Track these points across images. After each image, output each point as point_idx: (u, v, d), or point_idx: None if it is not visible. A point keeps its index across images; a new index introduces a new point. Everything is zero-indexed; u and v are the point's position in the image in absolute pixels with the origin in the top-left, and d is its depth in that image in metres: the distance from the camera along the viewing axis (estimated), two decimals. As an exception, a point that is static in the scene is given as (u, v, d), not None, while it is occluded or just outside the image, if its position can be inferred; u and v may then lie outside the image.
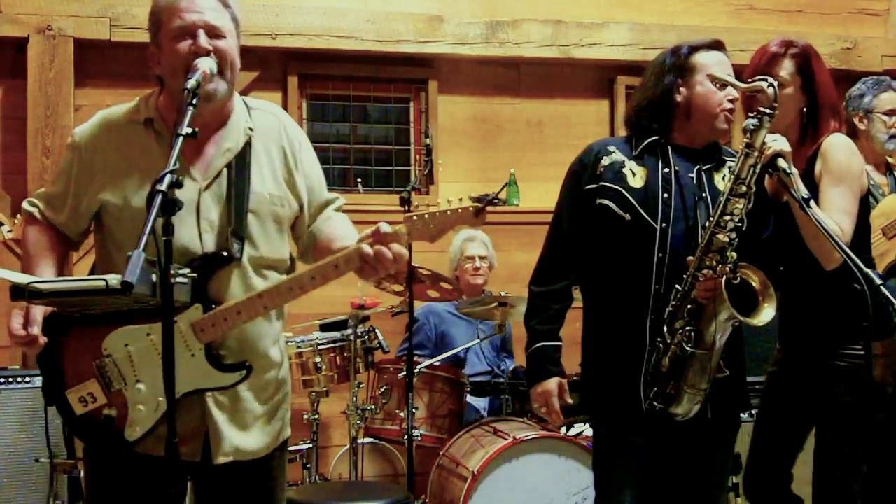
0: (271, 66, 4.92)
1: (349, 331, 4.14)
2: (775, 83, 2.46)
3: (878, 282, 2.23)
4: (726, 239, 2.42)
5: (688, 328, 2.43)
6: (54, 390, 2.18)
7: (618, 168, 2.58)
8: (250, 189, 2.19)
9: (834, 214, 2.62)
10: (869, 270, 2.26)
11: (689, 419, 2.51)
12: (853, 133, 3.62)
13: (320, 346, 4.17)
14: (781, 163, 2.50)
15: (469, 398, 4.22)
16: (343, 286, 2.41)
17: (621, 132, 5.40)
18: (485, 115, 5.24)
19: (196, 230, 2.14)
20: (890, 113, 3.68)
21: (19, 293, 1.90)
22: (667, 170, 2.57)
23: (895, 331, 2.81)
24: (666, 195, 2.53)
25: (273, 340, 2.27)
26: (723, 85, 2.57)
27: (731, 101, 2.58)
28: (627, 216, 2.53)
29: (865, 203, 2.83)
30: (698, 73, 2.59)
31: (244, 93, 4.84)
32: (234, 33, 2.20)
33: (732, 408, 2.66)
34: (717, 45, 2.67)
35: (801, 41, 2.84)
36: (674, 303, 2.47)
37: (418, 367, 4.00)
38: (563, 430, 3.71)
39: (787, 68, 2.80)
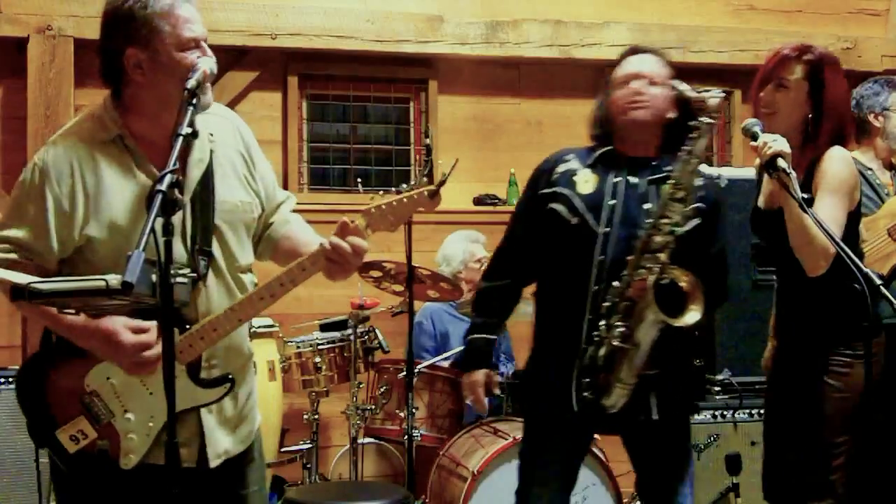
0: (271, 66, 4.92)
1: (349, 331, 4.15)
2: (722, 95, 2.55)
3: (878, 282, 2.23)
4: (663, 241, 2.52)
5: (620, 324, 2.56)
6: (44, 432, 2.15)
7: (570, 175, 2.73)
8: (218, 200, 2.16)
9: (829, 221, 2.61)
10: (868, 270, 2.27)
11: (637, 420, 2.66)
12: (866, 131, 3.62)
13: (320, 346, 4.17)
14: (781, 163, 2.52)
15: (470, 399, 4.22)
16: (343, 286, 2.42)
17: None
18: (485, 115, 5.25)
19: (182, 245, 2.10)
20: None
21: (19, 293, 1.90)
22: (617, 179, 2.70)
23: (881, 330, 2.84)
24: (612, 202, 2.66)
25: (246, 340, 2.30)
26: (627, 81, 2.71)
27: (635, 92, 2.69)
28: (574, 220, 2.67)
29: (856, 216, 2.82)
30: (615, 84, 2.76)
31: (244, 93, 4.90)
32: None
33: (680, 409, 2.78)
34: (633, 51, 2.83)
35: (820, 49, 2.83)
36: (611, 299, 2.59)
37: (418, 367, 4.00)
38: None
39: (795, 73, 2.79)
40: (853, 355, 2.77)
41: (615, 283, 2.58)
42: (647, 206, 2.63)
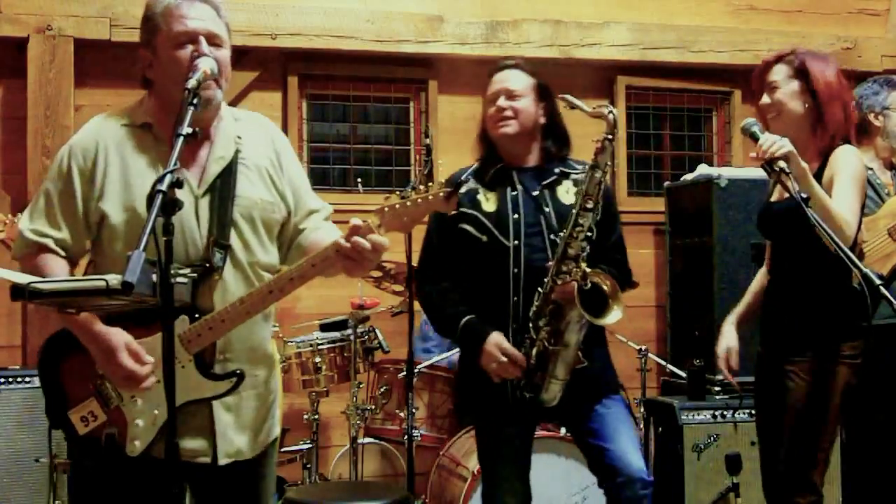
0: (271, 66, 4.91)
1: (349, 331, 4.15)
2: (615, 111, 2.80)
3: (878, 282, 2.24)
4: (579, 248, 2.74)
5: (548, 328, 2.73)
6: (58, 412, 2.22)
7: (473, 195, 2.91)
8: (238, 196, 2.20)
9: (845, 212, 2.71)
10: (868, 270, 2.28)
11: (555, 408, 2.83)
12: (866, 131, 3.63)
13: (320, 346, 4.17)
14: (781, 162, 2.57)
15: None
16: (343, 286, 2.43)
17: (621, 132, 5.41)
18: (485, 115, 5.24)
19: (191, 236, 2.15)
20: None
21: (19, 293, 1.90)
22: (514, 192, 2.89)
23: (868, 333, 2.88)
24: (516, 216, 2.85)
25: (268, 340, 2.33)
26: (493, 99, 2.92)
27: (499, 109, 2.89)
28: (484, 238, 2.85)
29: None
30: (485, 103, 2.97)
31: (244, 93, 4.90)
32: (228, 43, 2.26)
33: (584, 397, 2.89)
34: (498, 68, 3.01)
35: (800, 49, 2.98)
36: (537, 304, 2.77)
37: (418, 367, 4.00)
38: (563, 430, 3.72)
39: (780, 73, 2.93)
40: (837, 355, 2.84)
41: (539, 289, 2.76)
42: (546, 210, 2.84)
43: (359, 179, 5.09)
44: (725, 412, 3.99)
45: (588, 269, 2.68)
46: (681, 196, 4.82)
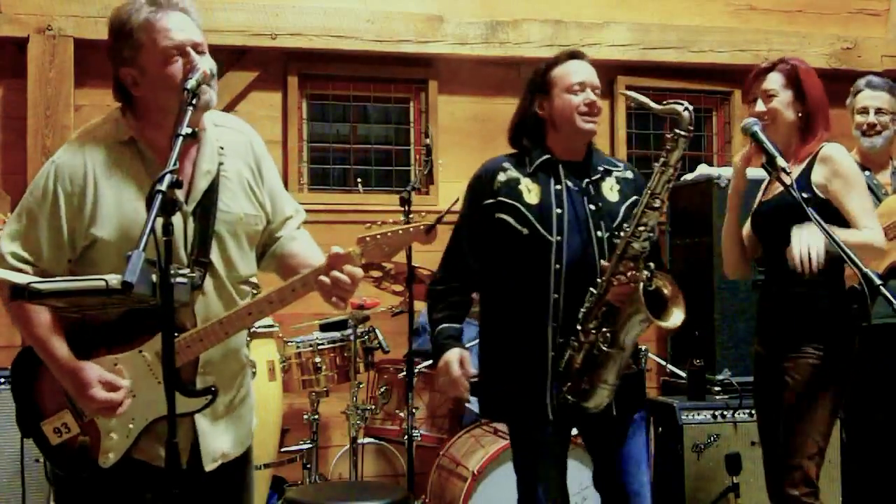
0: (271, 66, 4.91)
1: (349, 331, 4.15)
2: (690, 107, 2.61)
3: (878, 282, 2.25)
4: (640, 248, 2.59)
5: (604, 329, 2.60)
6: (29, 422, 2.21)
7: (514, 184, 2.75)
8: (221, 212, 2.20)
9: (864, 219, 2.81)
10: (868, 270, 2.29)
11: (595, 416, 2.69)
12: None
13: (320, 346, 4.17)
14: (780, 162, 2.60)
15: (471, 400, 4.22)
16: (343, 286, 2.43)
17: (621, 132, 5.41)
18: (485, 115, 5.24)
19: (183, 253, 2.14)
20: (862, 111, 3.75)
21: (19, 293, 1.90)
22: (558, 186, 2.74)
23: (858, 332, 2.93)
24: (559, 210, 2.71)
25: (244, 346, 2.36)
26: (580, 89, 2.73)
27: (587, 104, 2.73)
28: (525, 230, 2.70)
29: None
30: (555, 86, 2.76)
31: (244, 93, 4.90)
32: (206, 43, 2.18)
33: (633, 404, 2.81)
34: (574, 56, 2.83)
35: (790, 57, 3.08)
36: (588, 304, 2.63)
37: (418, 367, 4.00)
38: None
39: (775, 81, 3.00)
40: (832, 353, 2.88)
41: (592, 290, 2.63)
42: (591, 208, 2.72)
43: (359, 179, 5.10)
44: (725, 412, 3.99)
45: (655, 271, 2.55)
46: (681, 196, 4.82)
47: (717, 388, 4.17)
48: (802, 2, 5.57)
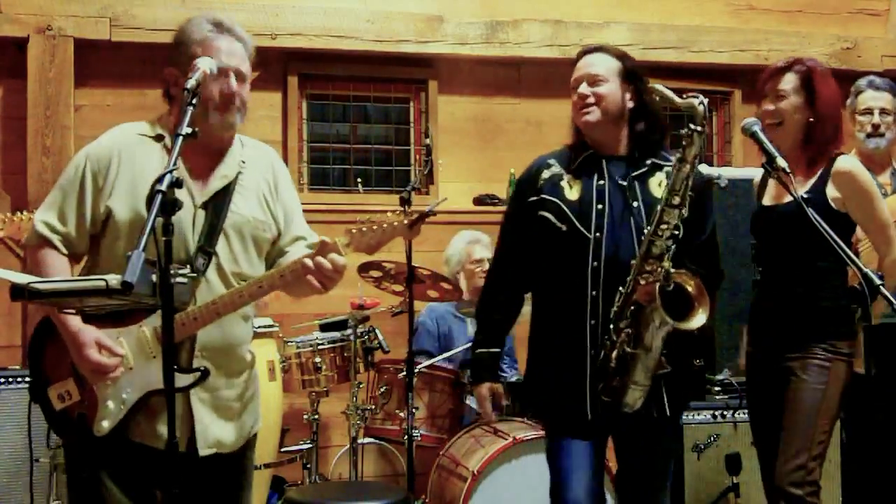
0: (271, 66, 4.91)
1: (349, 331, 4.15)
2: (706, 101, 2.53)
3: (878, 282, 2.26)
4: (664, 246, 2.54)
5: (628, 330, 2.58)
6: (38, 388, 2.39)
7: (556, 181, 2.73)
8: (231, 212, 2.36)
9: (890, 230, 2.88)
10: (868, 270, 2.30)
11: (636, 418, 2.64)
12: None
13: (320, 346, 4.17)
14: (781, 162, 2.59)
15: (469, 399, 4.22)
16: (343, 286, 2.44)
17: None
18: (485, 115, 5.24)
19: (184, 242, 2.29)
20: (865, 112, 3.73)
21: (19, 293, 1.91)
22: (601, 182, 2.70)
23: (868, 333, 2.94)
24: (600, 206, 2.67)
25: (247, 341, 2.48)
26: (575, 85, 2.73)
27: (577, 97, 2.73)
28: (564, 227, 2.67)
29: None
30: (571, 88, 2.76)
31: (244, 93, 4.89)
32: (250, 75, 2.38)
33: (675, 406, 2.74)
34: (582, 53, 2.81)
35: (808, 59, 3.03)
36: (618, 304, 2.61)
37: (418, 367, 4.00)
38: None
39: (789, 82, 2.96)
40: (835, 352, 2.90)
41: (621, 289, 2.59)
42: (635, 204, 2.66)
43: (359, 179, 5.10)
44: (725, 412, 3.99)
45: (672, 269, 2.51)
46: (681, 196, 4.81)
47: (717, 388, 4.17)
48: (802, 2, 5.57)
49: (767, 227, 3.03)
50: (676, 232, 2.54)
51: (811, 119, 2.94)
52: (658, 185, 2.69)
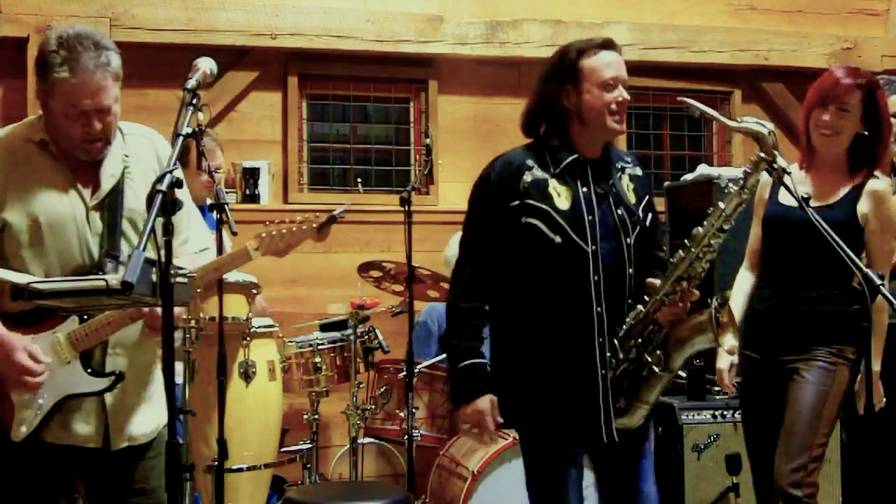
0: (271, 66, 4.92)
1: (349, 331, 4.14)
2: (774, 131, 2.48)
3: (878, 282, 2.26)
4: (702, 268, 2.50)
5: (658, 352, 2.50)
6: None
7: (542, 186, 2.51)
8: (126, 208, 2.35)
9: (891, 261, 2.95)
10: (868, 271, 2.30)
11: (605, 441, 2.54)
12: None
13: (320, 346, 4.16)
14: (781, 162, 2.58)
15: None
16: (343, 286, 2.44)
17: (621, 132, 5.31)
18: (485, 115, 5.24)
19: (86, 245, 2.29)
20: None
21: (19, 293, 1.91)
22: (585, 189, 2.54)
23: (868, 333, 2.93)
24: (591, 217, 2.51)
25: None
26: (613, 85, 2.51)
27: (618, 102, 2.53)
28: (557, 238, 2.49)
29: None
30: (586, 79, 2.52)
31: (244, 93, 4.90)
32: (118, 97, 2.29)
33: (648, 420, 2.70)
34: (606, 45, 2.57)
35: (867, 72, 3.02)
36: (631, 321, 2.52)
37: (418, 367, 4.00)
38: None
39: (855, 98, 2.92)
40: (839, 356, 2.90)
41: (640, 307, 2.51)
42: (619, 212, 2.55)
43: (359, 179, 5.10)
44: (725, 412, 3.99)
45: (727, 296, 2.50)
46: (681, 196, 4.81)
47: (717, 388, 4.16)
48: (802, 2, 5.57)
49: (787, 230, 3.00)
50: (714, 254, 2.50)
51: (863, 132, 2.94)
52: (627, 189, 2.61)
